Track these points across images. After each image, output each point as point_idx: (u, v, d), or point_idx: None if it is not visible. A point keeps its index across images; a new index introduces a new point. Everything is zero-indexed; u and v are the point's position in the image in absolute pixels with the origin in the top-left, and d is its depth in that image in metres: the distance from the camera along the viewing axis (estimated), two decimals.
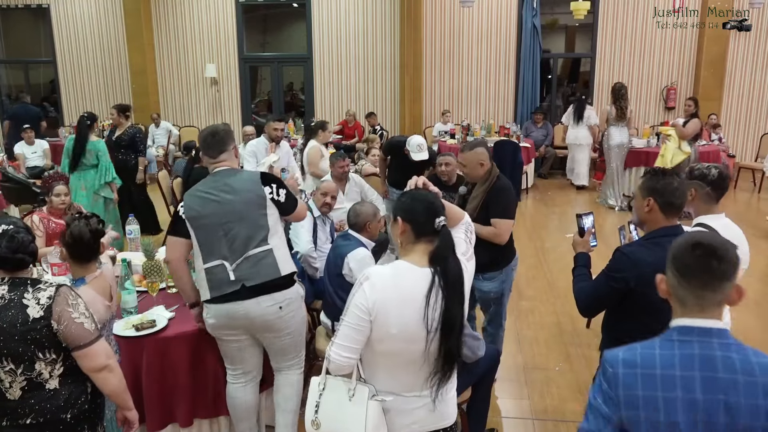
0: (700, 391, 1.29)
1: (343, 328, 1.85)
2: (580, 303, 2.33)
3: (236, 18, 10.93)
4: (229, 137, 2.75)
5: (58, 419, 1.89)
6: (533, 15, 10.12)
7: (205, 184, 2.68)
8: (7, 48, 12.01)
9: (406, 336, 1.82)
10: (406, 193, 1.98)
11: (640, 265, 2.13)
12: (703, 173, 2.63)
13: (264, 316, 2.60)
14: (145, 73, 10.79)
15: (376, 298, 1.81)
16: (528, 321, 4.68)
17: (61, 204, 4.12)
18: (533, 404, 3.55)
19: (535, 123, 10.07)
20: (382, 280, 1.84)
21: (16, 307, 1.82)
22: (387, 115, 10.92)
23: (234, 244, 2.58)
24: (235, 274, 2.56)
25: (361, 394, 1.88)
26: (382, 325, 1.81)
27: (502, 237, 3.24)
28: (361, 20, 10.68)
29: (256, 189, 2.64)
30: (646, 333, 2.17)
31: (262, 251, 2.59)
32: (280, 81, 11.61)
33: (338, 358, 1.86)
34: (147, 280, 3.21)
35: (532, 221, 7.74)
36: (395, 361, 1.88)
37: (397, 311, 1.81)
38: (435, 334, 1.82)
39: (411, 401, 1.91)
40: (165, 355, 2.75)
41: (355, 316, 1.83)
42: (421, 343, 1.82)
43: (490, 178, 3.27)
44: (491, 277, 3.43)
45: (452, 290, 1.82)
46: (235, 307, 2.57)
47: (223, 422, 2.99)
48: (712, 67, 9.83)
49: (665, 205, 2.18)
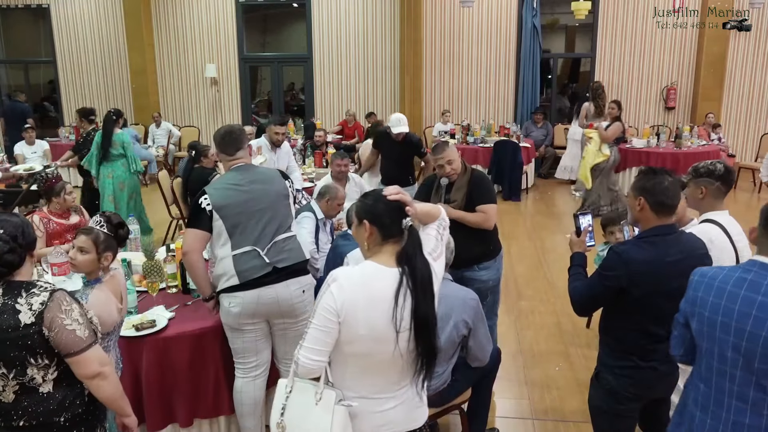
0: (739, 304, 1.66)
1: (311, 330, 1.83)
2: (574, 302, 2.34)
3: (236, 18, 10.93)
4: (244, 136, 2.94)
5: (51, 422, 1.86)
6: (533, 15, 10.12)
7: (231, 177, 2.82)
8: (7, 48, 12.02)
9: (375, 336, 1.80)
10: (369, 194, 1.96)
11: (632, 264, 2.13)
12: (710, 169, 2.63)
13: (291, 299, 2.77)
14: (145, 73, 10.80)
15: (344, 299, 1.79)
16: (528, 321, 4.67)
17: (72, 201, 4.19)
18: (533, 404, 3.55)
19: (535, 123, 10.07)
20: (350, 281, 1.82)
21: (9, 312, 1.79)
22: (387, 115, 10.88)
23: (265, 230, 2.75)
24: (268, 258, 2.72)
25: (328, 398, 1.85)
26: (351, 327, 1.80)
27: (490, 221, 3.38)
28: (361, 20, 10.69)
29: (281, 182, 2.90)
30: (640, 331, 2.19)
31: (288, 236, 2.83)
32: (280, 81, 11.62)
33: (307, 362, 1.84)
34: (147, 280, 3.21)
35: (532, 221, 7.74)
36: (365, 363, 1.86)
37: (365, 312, 1.79)
38: (408, 334, 1.82)
39: (381, 403, 1.89)
40: (165, 355, 2.75)
41: (323, 318, 1.81)
42: (391, 344, 1.81)
43: (467, 169, 3.46)
44: (487, 266, 3.49)
45: (421, 289, 1.82)
46: (266, 291, 2.70)
47: (223, 422, 2.98)
48: (712, 67, 9.83)
49: (656, 205, 2.18)
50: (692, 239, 2.28)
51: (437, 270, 1.93)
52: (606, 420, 2.35)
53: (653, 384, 2.26)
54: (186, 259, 2.75)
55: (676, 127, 9.59)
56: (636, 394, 2.26)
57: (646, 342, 2.20)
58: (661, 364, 2.23)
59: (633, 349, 2.21)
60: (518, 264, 5.87)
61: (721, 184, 2.62)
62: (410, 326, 1.82)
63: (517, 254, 6.13)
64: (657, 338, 2.21)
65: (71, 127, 10.11)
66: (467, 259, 3.41)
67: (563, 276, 2.64)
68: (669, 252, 2.15)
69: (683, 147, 8.58)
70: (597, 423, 2.41)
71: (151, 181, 9.68)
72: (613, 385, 2.27)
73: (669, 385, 2.35)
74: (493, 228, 3.46)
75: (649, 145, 8.73)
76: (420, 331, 1.83)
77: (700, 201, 2.66)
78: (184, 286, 3.23)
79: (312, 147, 7.68)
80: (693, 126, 9.30)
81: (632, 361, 2.22)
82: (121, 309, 2.33)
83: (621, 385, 2.25)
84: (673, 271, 2.13)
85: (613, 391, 2.27)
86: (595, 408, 2.39)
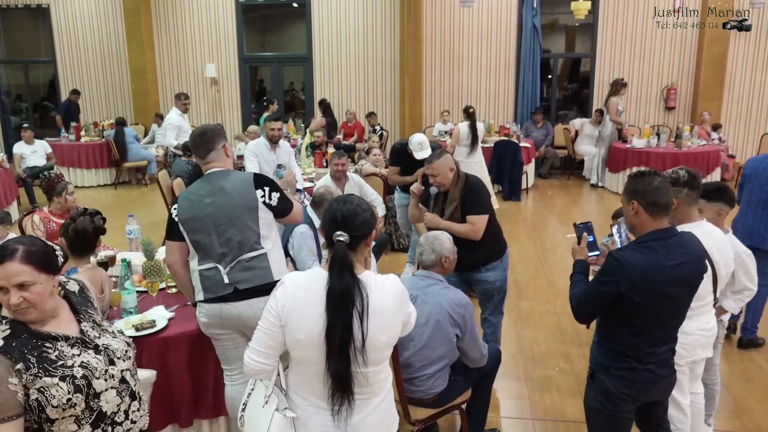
0: None
1: (257, 332, 1.86)
2: (574, 308, 2.32)
3: (236, 18, 10.93)
4: (218, 136, 2.68)
5: None
6: (533, 15, 10.12)
7: (199, 186, 2.65)
8: (7, 48, 12.01)
9: (312, 344, 1.76)
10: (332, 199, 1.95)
11: (630, 270, 2.11)
12: (673, 178, 2.56)
13: (255, 318, 2.55)
14: (145, 73, 10.79)
15: (285, 301, 1.79)
16: (528, 321, 4.67)
17: (73, 202, 4.18)
18: (533, 404, 3.55)
19: (535, 123, 10.07)
20: (294, 284, 1.83)
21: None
22: (387, 115, 10.92)
23: (227, 247, 2.56)
24: (229, 278, 2.56)
25: (272, 402, 1.87)
26: (292, 331, 1.79)
27: (478, 232, 3.37)
28: (361, 20, 10.68)
29: (247, 192, 2.59)
30: (639, 334, 2.17)
31: (256, 255, 2.58)
32: (280, 81, 11.61)
33: (250, 362, 1.87)
34: (147, 280, 3.20)
35: (532, 221, 7.74)
36: (308, 370, 1.83)
37: (303, 317, 1.77)
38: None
39: (325, 413, 1.84)
40: (165, 355, 2.74)
41: (266, 320, 1.83)
42: (324, 356, 1.76)
43: (461, 179, 3.42)
44: (494, 267, 3.49)
45: (331, 306, 1.73)
46: (228, 308, 2.58)
47: (223, 422, 2.99)
48: (712, 67, 9.83)
49: (649, 206, 2.15)
50: (693, 241, 2.26)
51: (387, 291, 1.83)
52: (601, 420, 2.34)
53: (649, 387, 2.25)
54: (170, 271, 2.75)
55: (676, 127, 9.60)
56: (631, 396, 2.25)
57: (644, 345, 2.19)
58: (659, 368, 2.22)
59: (630, 352, 2.20)
60: (518, 264, 5.87)
61: (689, 190, 2.56)
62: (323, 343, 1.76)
63: (517, 254, 6.12)
64: (655, 342, 2.20)
65: (71, 127, 10.13)
66: (473, 263, 3.42)
67: (563, 276, 2.64)
68: (670, 256, 2.13)
69: (683, 147, 8.59)
70: (592, 423, 2.40)
71: (151, 181, 9.69)
72: (608, 385, 2.26)
73: (665, 388, 2.34)
74: (494, 231, 3.45)
75: (650, 145, 8.73)
76: (328, 351, 1.75)
77: (674, 212, 2.56)
78: None
79: (314, 147, 7.68)
80: (693, 126, 9.30)
81: (629, 363, 2.20)
82: (100, 298, 2.32)
83: (616, 386, 2.24)
84: (672, 275, 2.12)
85: (608, 391, 2.26)
86: (590, 408, 2.38)
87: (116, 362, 1.80)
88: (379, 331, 1.78)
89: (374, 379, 1.85)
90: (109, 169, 9.93)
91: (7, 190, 7.57)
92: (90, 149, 9.75)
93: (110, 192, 9.54)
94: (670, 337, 2.26)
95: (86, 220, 2.56)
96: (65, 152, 9.67)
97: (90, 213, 2.52)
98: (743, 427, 3.31)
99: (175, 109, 7.91)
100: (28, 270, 1.67)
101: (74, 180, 9.54)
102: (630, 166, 8.63)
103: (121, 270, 2.96)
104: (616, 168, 8.95)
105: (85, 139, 9.86)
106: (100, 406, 1.74)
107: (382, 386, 1.92)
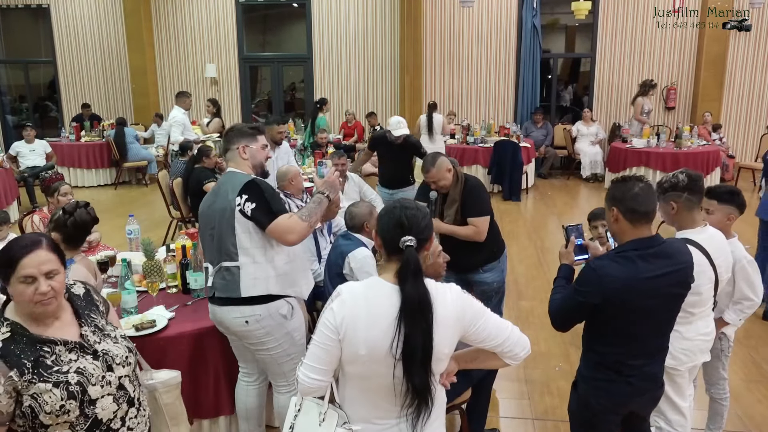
0: None
1: (311, 347, 1.74)
2: (551, 315, 2.26)
3: (236, 18, 10.94)
4: (236, 136, 2.62)
5: None
6: (533, 15, 10.13)
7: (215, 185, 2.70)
8: (7, 48, 12.02)
9: (375, 358, 1.67)
10: (387, 205, 1.87)
11: (605, 282, 2.02)
12: (672, 182, 2.50)
13: (232, 326, 2.57)
14: (145, 73, 10.80)
15: (344, 315, 1.68)
16: (528, 321, 4.67)
17: (67, 203, 4.15)
18: (533, 404, 3.55)
19: (535, 123, 10.07)
20: (353, 296, 1.72)
21: None
22: (387, 115, 10.90)
23: (213, 250, 2.57)
24: (211, 281, 2.58)
25: (331, 420, 1.76)
26: (351, 346, 1.68)
27: (481, 234, 3.36)
28: (361, 20, 10.69)
29: (229, 197, 2.45)
30: (617, 345, 2.11)
31: (231, 266, 2.49)
32: (280, 81, 11.61)
33: (305, 380, 1.75)
34: (147, 280, 3.21)
35: (532, 221, 7.74)
36: (366, 386, 1.74)
37: (366, 331, 1.67)
38: (399, 362, 1.67)
39: (384, 429, 1.76)
40: (165, 355, 2.74)
41: (322, 335, 1.71)
42: (390, 368, 1.68)
43: (460, 180, 3.39)
44: (491, 268, 3.49)
45: (410, 316, 1.65)
46: (215, 310, 2.61)
47: (223, 422, 2.98)
48: (712, 67, 9.83)
49: (628, 213, 2.05)
50: (681, 250, 2.16)
51: (452, 308, 1.73)
52: (581, 427, 2.31)
53: (626, 399, 2.18)
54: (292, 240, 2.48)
55: (676, 127, 9.61)
56: (607, 406, 2.19)
57: (624, 357, 2.12)
58: (639, 381, 2.15)
59: (610, 363, 2.14)
60: (518, 264, 5.87)
61: (689, 194, 2.47)
62: (401, 355, 1.67)
63: (517, 254, 6.12)
64: (636, 355, 2.13)
65: (71, 127, 10.13)
66: (471, 265, 3.41)
67: None
68: (650, 268, 2.03)
69: (683, 147, 8.59)
70: (573, 429, 2.37)
71: (151, 181, 9.69)
72: (586, 394, 2.22)
73: (647, 402, 2.27)
74: (492, 232, 3.45)
75: (649, 145, 8.74)
76: (407, 363, 1.66)
77: (675, 217, 2.53)
78: (184, 286, 3.23)
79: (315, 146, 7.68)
80: (693, 126, 9.31)
81: (607, 374, 2.15)
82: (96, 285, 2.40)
83: (593, 396, 2.19)
84: (651, 288, 2.03)
85: (586, 401, 2.22)
86: (572, 413, 2.35)
87: (115, 368, 1.78)
88: (443, 344, 1.71)
89: (436, 391, 1.79)
90: (109, 169, 9.94)
91: (7, 190, 7.56)
92: (90, 149, 9.76)
93: (110, 192, 9.54)
94: (653, 350, 2.17)
95: (83, 212, 2.62)
96: (65, 152, 9.68)
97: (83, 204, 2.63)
98: (743, 427, 3.31)
99: (179, 108, 7.97)
100: (54, 258, 1.70)
101: (74, 180, 9.55)
102: (630, 166, 8.64)
103: (121, 270, 2.96)
104: (616, 168, 8.95)
105: (85, 139, 9.86)
106: (95, 413, 1.72)
107: (440, 397, 1.86)
